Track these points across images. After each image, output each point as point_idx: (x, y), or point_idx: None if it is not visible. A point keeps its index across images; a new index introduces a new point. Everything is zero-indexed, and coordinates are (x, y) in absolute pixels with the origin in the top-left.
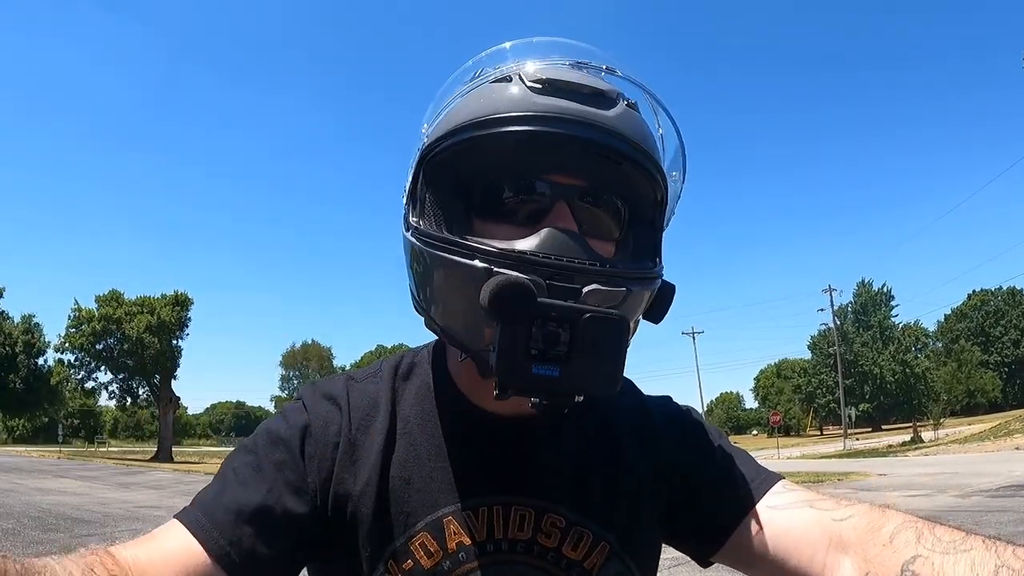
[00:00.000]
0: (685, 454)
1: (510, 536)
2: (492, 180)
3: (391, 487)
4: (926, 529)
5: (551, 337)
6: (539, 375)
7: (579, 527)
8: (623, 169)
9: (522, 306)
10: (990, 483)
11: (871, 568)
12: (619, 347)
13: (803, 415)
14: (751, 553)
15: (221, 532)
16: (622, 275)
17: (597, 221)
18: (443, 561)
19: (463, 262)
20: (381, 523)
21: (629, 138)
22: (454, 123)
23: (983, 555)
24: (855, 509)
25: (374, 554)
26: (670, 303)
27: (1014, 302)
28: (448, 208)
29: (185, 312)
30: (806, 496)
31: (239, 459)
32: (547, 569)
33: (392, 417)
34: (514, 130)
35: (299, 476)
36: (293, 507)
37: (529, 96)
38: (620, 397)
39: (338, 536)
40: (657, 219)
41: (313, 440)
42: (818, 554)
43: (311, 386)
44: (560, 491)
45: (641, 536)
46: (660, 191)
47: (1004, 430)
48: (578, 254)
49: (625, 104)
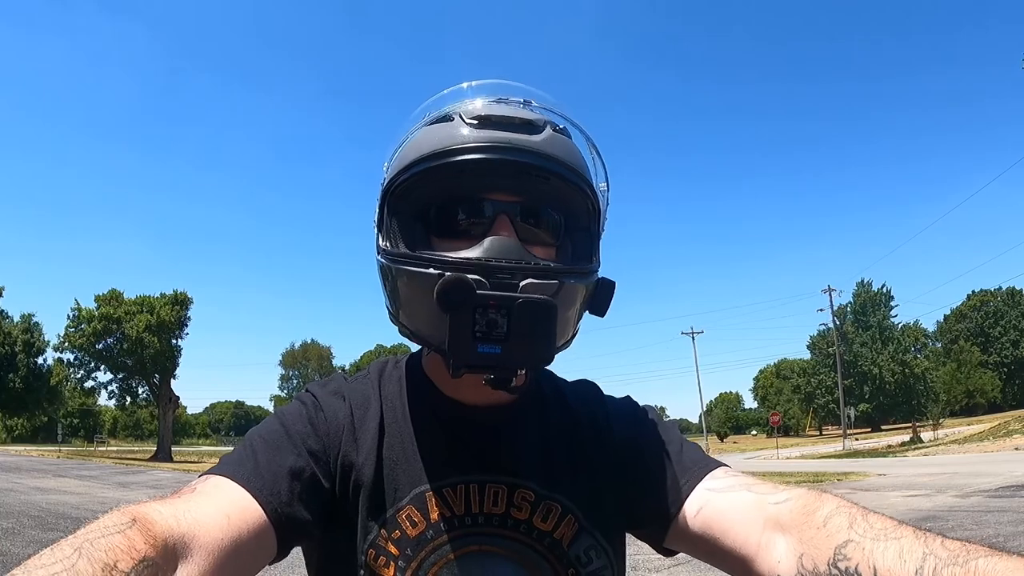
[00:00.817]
0: (635, 444)
1: (486, 510)
2: (443, 204)
3: (384, 466)
4: (859, 515)
5: (492, 322)
6: (484, 353)
7: (548, 501)
8: (553, 184)
9: (463, 297)
10: (989, 483)
11: (805, 550)
12: (550, 325)
13: (802, 415)
14: (693, 535)
15: (264, 485)
16: (553, 271)
17: (536, 230)
18: (426, 530)
19: (420, 271)
20: (375, 496)
21: (555, 157)
22: (407, 159)
23: (912, 543)
24: (792, 493)
25: (368, 523)
26: (610, 297)
27: (1013, 302)
28: (410, 231)
29: (185, 311)
30: (745, 480)
31: (265, 429)
32: (519, 539)
33: (381, 409)
34: (457, 160)
35: (321, 447)
36: (319, 474)
37: (468, 131)
38: (581, 393)
39: (342, 508)
40: (592, 225)
41: (326, 423)
42: (753, 534)
43: (316, 383)
44: (529, 468)
45: (604, 513)
46: (591, 201)
47: (1003, 430)
48: (516, 256)
49: (552, 130)
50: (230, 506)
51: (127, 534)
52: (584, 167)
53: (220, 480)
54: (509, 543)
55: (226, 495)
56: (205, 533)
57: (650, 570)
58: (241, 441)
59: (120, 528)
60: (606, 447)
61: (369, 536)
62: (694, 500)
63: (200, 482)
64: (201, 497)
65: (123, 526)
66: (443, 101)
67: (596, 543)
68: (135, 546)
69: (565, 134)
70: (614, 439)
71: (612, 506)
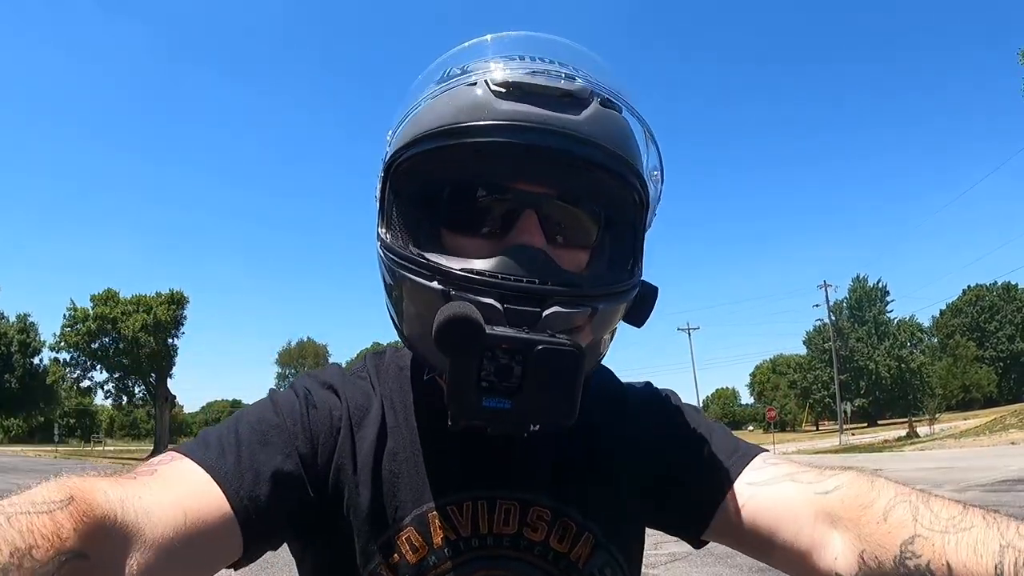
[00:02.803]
0: (663, 438)
1: (495, 531)
2: (457, 190)
3: (383, 481)
4: (922, 504)
5: (503, 370)
6: (489, 408)
7: (564, 519)
8: (595, 175)
9: (468, 340)
10: (986, 478)
11: (866, 547)
12: (573, 379)
13: (799, 410)
14: (737, 532)
15: (242, 484)
16: (586, 295)
17: (569, 229)
18: (428, 556)
19: (422, 283)
20: (374, 515)
21: (599, 142)
22: (416, 132)
23: (985, 534)
24: (841, 479)
25: (368, 547)
26: (652, 307)
27: (1009, 297)
28: (415, 219)
29: (181, 310)
30: (787, 469)
31: (256, 416)
32: (534, 563)
33: (382, 413)
34: (475, 141)
35: (310, 451)
36: (307, 481)
37: (492, 102)
38: (597, 386)
39: (332, 523)
40: (637, 221)
41: (319, 422)
42: (804, 529)
43: (308, 375)
44: (542, 483)
45: (624, 524)
46: (638, 194)
47: (999, 425)
48: (541, 273)
49: (599, 103)
50: (192, 500)
51: (55, 516)
52: (636, 151)
53: (189, 466)
54: (520, 566)
55: (191, 486)
56: (152, 527)
57: (647, 566)
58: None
59: (51, 507)
60: (629, 448)
61: (370, 565)
62: (735, 496)
63: (166, 462)
64: (159, 483)
65: (55, 505)
66: (463, 57)
67: (612, 559)
68: (60, 532)
69: (614, 107)
70: (638, 437)
71: (634, 516)
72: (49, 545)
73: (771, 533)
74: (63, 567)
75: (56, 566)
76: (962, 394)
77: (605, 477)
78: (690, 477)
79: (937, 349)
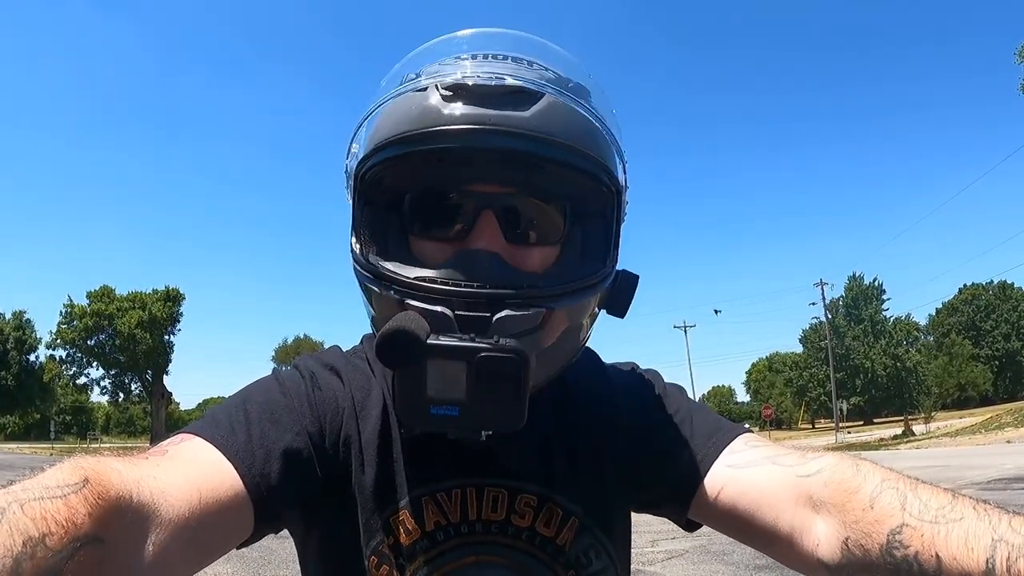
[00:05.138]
0: (645, 421)
1: (484, 517)
2: (417, 196)
3: (385, 461)
4: (910, 492)
5: (450, 377)
6: (438, 415)
7: (550, 503)
8: (550, 171)
9: (408, 353)
10: (981, 476)
11: (851, 534)
12: (517, 385)
13: (795, 408)
14: (718, 514)
15: (254, 462)
16: (539, 296)
17: (530, 226)
18: (421, 539)
19: (379, 292)
20: (377, 494)
21: (549, 137)
22: (371, 143)
23: (976, 526)
24: (823, 462)
25: (368, 523)
26: (631, 296)
27: (1005, 296)
28: (383, 227)
29: (177, 307)
30: (769, 452)
31: (263, 394)
32: (520, 547)
33: (383, 398)
34: (426, 149)
35: (318, 431)
36: (315, 457)
37: (440, 106)
38: (581, 368)
39: (339, 500)
40: (608, 210)
41: (324, 403)
42: (784, 513)
43: (310, 356)
44: (528, 470)
45: (608, 507)
46: (603, 184)
47: (995, 423)
48: (489, 276)
49: (552, 97)
50: (205, 480)
51: (69, 500)
52: (594, 140)
53: (202, 445)
54: (509, 552)
55: (204, 467)
56: (168, 508)
57: (644, 563)
58: (233, 397)
59: (64, 491)
60: (612, 430)
61: (372, 542)
62: (714, 479)
63: (177, 443)
64: (173, 463)
65: (69, 488)
66: (429, 56)
67: (596, 542)
68: (75, 517)
69: (571, 97)
70: (621, 420)
71: (617, 497)
72: (63, 532)
73: (751, 516)
74: (78, 553)
75: (71, 552)
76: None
77: (589, 460)
78: (670, 460)
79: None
